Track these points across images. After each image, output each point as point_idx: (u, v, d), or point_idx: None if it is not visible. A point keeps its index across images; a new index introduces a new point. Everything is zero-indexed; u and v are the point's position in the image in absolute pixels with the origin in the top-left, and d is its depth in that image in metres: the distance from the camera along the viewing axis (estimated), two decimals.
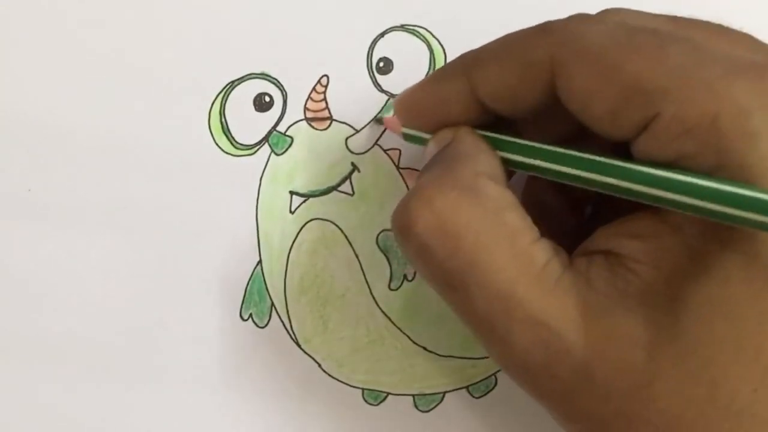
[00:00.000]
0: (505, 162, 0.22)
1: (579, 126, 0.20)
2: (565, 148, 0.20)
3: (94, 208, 0.27)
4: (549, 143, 0.21)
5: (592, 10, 0.21)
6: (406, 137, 0.24)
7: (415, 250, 0.20)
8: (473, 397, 0.27)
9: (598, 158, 0.20)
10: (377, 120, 0.27)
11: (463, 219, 0.20)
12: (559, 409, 0.20)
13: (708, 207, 0.18)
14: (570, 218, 0.25)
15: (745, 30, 0.21)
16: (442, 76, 0.23)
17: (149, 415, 0.26)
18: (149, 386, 0.26)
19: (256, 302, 0.27)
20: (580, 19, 0.21)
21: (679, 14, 0.21)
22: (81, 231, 0.27)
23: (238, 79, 0.27)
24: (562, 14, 0.21)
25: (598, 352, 0.19)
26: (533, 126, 0.23)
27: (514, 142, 0.21)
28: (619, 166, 0.19)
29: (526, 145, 0.21)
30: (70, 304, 0.26)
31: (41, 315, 0.26)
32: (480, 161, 0.21)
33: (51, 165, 0.27)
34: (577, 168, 0.20)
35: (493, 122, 0.22)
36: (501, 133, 0.22)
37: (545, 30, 0.20)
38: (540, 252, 0.20)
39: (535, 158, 0.21)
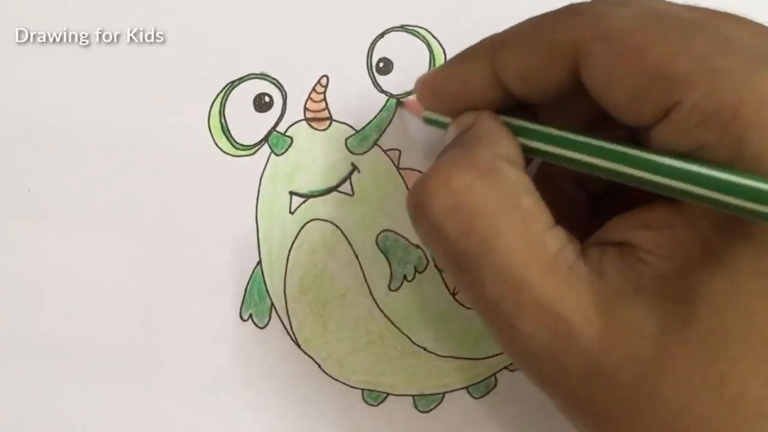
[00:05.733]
0: (525, 148, 0.22)
1: (598, 114, 0.20)
2: (585, 135, 0.20)
3: (94, 208, 0.27)
4: (568, 130, 0.21)
5: None
6: (427, 121, 0.24)
7: (428, 229, 0.20)
8: (473, 397, 0.27)
9: (617, 147, 0.19)
10: (398, 102, 0.27)
11: (479, 200, 0.19)
12: (564, 398, 0.20)
13: (723, 199, 0.17)
14: (582, 209, 0.25)
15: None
16: (465, 59, 0.22)
17: (148, 415, 0.26)
18: (148, 386, 0.26)
19: (256, 302, 0.27)
20: (606, 1, 0.20)
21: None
22: (81, 231, 0.27)
23: (237, 80, 0.27)
24: None
25: (606, 341, 0.18)
26: (554, 112, 0.23)
27: (535, 129, 0.21)
28: (636, 156, 0.19)
29: (547, 132, 0.21)
30: (69, 304, 0.26)
31: (41, 315, 0.26)
32: (500, 144, 0.21)
33: (51, 165, 0.27)
34: (596, 157, 0.20)
35: (515, 107, 0.22)
36: (522, 119, 0.22)
37: (570, 12, 0.20)
38: (554, 239, 0.20)
39: (555, 146, 0.21)
